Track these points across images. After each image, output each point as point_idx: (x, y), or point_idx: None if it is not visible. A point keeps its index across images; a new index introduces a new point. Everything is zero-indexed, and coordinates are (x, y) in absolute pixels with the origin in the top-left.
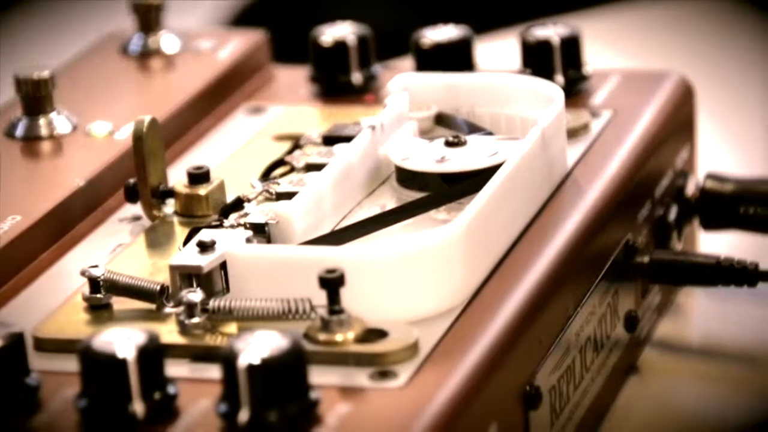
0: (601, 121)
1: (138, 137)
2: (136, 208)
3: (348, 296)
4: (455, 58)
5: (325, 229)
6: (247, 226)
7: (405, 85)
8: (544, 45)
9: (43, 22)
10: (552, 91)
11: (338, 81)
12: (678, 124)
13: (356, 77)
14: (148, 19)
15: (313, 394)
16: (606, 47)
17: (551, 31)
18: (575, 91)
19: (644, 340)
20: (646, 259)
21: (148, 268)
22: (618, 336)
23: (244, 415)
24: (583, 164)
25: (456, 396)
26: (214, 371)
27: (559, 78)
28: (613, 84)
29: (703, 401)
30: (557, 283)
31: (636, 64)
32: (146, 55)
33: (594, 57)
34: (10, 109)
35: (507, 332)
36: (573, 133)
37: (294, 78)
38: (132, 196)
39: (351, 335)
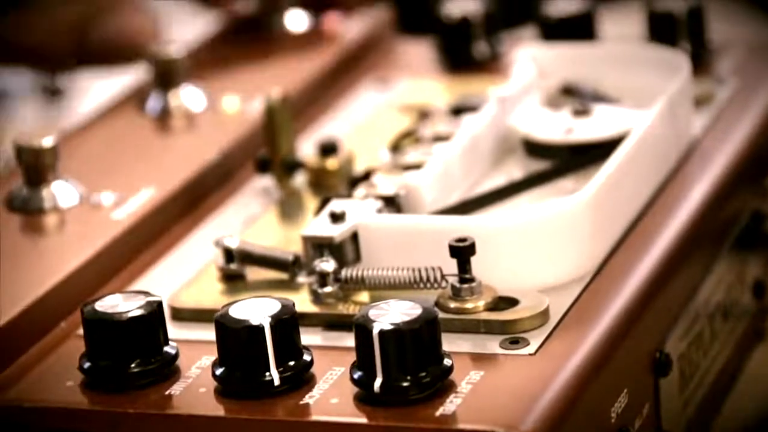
0: (727, 90)
1: (269, 111)
2: (267, 181)
3: (478, 265)
4: (579, 28)
5: (453, 200)
6: (377, 197)
7: (531, 56)
8: (669, 15)
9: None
10: (678, 59)
11: (464, 53)
12: None
13: (481, 49)
14: None
15: (447, 361)
16: (727, 18)
17: (676, 0)
18: (700, 60)
19: None
20: None
21: (280, 239)
22: (746, 304)
23: (379, 382)
24: (709, 133)
25: (587, 363)
26: (347, 339)
27: (685, 47)
28: (738, 54)
29: None
30: (685, 251)
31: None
32: (271, 33)
33: (716, 28)
34: (143, 88)
35: (636, 299)
36: (699, 102)
37: (419, 51)
38: (263, 168)
39: (482, 303)
